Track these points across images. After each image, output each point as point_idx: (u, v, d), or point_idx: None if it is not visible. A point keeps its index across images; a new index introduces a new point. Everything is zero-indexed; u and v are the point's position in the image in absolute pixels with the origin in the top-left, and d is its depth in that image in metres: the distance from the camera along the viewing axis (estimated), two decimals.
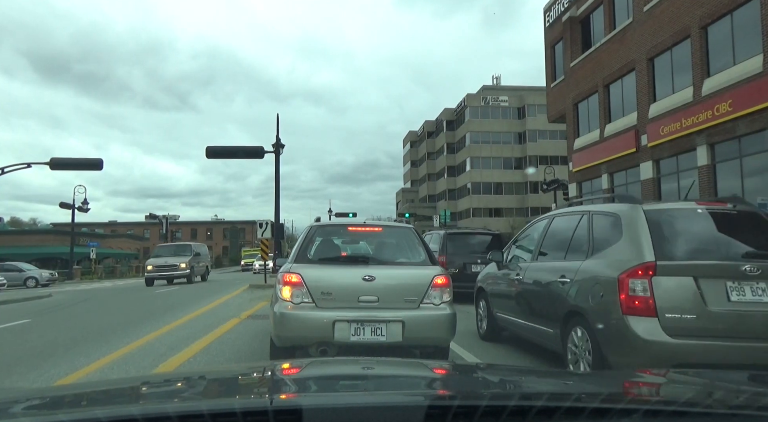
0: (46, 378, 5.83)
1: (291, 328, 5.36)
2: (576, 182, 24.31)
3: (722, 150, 15.88)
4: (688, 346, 4.36)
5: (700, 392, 1.78)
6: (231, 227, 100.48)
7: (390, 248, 6.30)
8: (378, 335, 5.25)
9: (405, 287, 5.49)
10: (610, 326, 4.66)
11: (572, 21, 24.25)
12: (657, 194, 18.72)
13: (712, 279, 4.53)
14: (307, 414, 1.24)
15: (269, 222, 22.51)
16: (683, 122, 16.87)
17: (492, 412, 1.27)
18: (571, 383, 2.04)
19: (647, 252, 4.61)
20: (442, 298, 5.46)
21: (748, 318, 4.44)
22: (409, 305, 5.39)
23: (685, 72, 17.30)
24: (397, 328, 5.25)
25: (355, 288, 5.36)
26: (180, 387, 1.88)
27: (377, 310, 5.32)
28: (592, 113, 23.00)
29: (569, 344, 5.24)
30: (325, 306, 5.33)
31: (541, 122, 68.48)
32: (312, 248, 5.96)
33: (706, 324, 4.42)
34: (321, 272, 5.56)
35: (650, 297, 4.46)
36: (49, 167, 24.27)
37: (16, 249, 46.46)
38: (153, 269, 26.54)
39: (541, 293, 6.04)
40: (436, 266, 5.81)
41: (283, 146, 25.19)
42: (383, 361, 2.93)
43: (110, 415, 1.29)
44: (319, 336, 5.28)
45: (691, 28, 16.70)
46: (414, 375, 2.19)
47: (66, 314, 12.99)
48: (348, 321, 5.25)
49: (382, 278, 5.43)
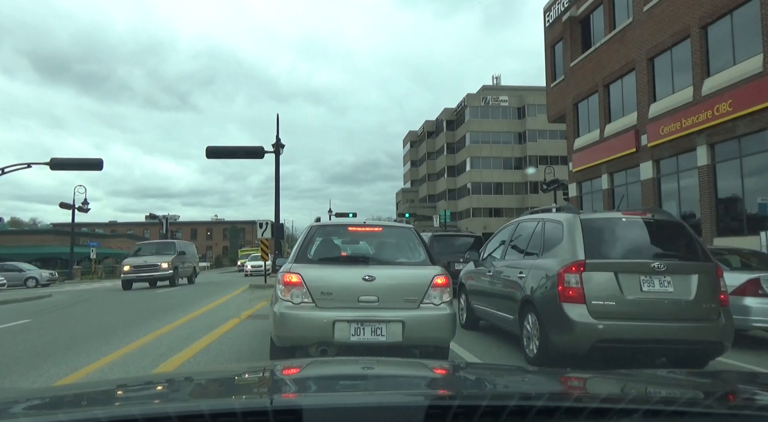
0: (45, 379, 5.83)
1: (291, 328, 5.31)
2: (576, 182, 24.30)
3: (722, 150, 15.87)
4: (609, 326, 5.47)
5: (700, 392, 1.79)
6: (231, 227, 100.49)
7: (390, 248, 6.27)
8: (378, 335, 5.22)
9: (405, 287, 5.46)
10: (551, 311, 5.80)
11: (572, 21, 24.25)
12: (657, 194, 18.73)
13: (629, 274, 5.65)
14: (307, 414, 1.24)
15: (269, 222, 22.50)
16: (683, 122, 16.86)
17: (492, 412, 1.27)
18: (571, 383, 2.04)
19: (580, 252, 5.74)
20: (442, 298, 5.44)
21: (655, 304, 5.59)
22: (409, 305, 5.37)
23: (685, 72, 17.30)
24: (397, 328, 5.23)
25: (355, 288, 5.34)
26: (180, 387, 1.88)
27: (377, 310, 5.29)
28: (592, 113, 23.00)
29: (524, 328, 6.37)
30: (325, 306, 5.29)
31: (541, 122, 68.47)
32: (312, 248, 5.92)
33: (623, 309, 5.55)
34: (321, 272, 5.53)
35: (581, 288, 5.59)
36: (50, 167, 24.27)
37: (16, 249, 46.46)
38: (130, 269, 23.39)
39: (505, 286, 7.13)
40: (436, 266, 5.77)
41: (283, 146, 25.19)
42: (383, 361, 2.92)
43: (110, 415, 1.29)
44: (319, 336, 5.24)
45: (691, 27, 16.70)
46: (414, 375, 2.19)
47: (66, 314, 13.00)
48: (348, 321, 5.21)
49: (382, 278, 5.40)
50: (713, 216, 16.08)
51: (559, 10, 25.32)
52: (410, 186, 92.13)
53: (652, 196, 18.79)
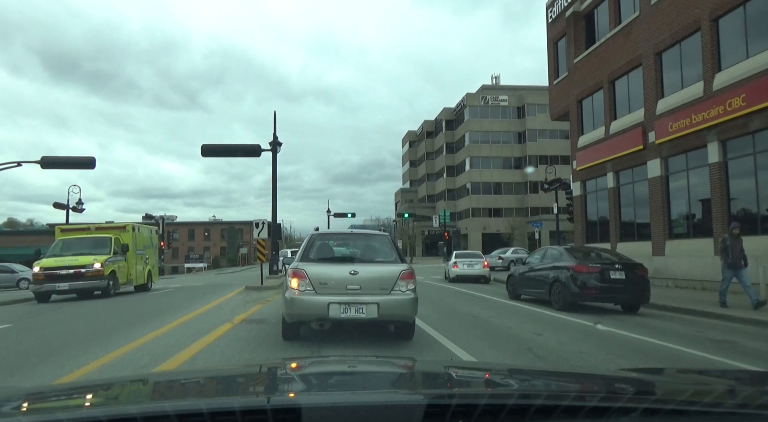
0: None
1: (297, 308, 7.21)
2: (580, 180, 23.73)
3: (735, 146, 15.30)
4: None
5: (698, 390, 1.78)
6: (229, 227, 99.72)
7: (370, 251, 8.11)
8: (360, 313, 7.07)
9: (380, 279, 7.29)
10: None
11: (576, 16, 23.69)
12: (665, 192, 18.17)
13: None
14: (306, 413, 1.23)
15: (265, 222, 21.81)
16: (693, 118, 16.31)
17: (491, 411, 1.26)
18: (570, 382, 2.04)
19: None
20: (407, 287, 7.28)
21: None
22: (383, 292, 7.19)
23: (694, 66, 16.75)
24: (374, 308, 7.07)
25: (343, 280, 7.18)
26: (179, 386, 1.89)
27: (360, 295, 7.12)
28: (596, 110, 22.44)
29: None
30: (322, 293, 7.15)
31: (541, 122, 68.08)
32: (313, 251, 7.81)
33: None
34: (319, 268, 7.38)
35: None
36: (40, 166, 23.62)
37: (11, 250, 45.86)
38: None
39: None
40: (404, 263, 7.60)
41: (280, 144, 24.61)
42: (383, 360, 3.01)
43: (109, 414, 1.27)
44: (318, 314, 7.15)
45: (702, 20, 16.14)
46: (413, 374, 2.19)
47: (50, 318, 12.37)
48: (339, 303, 7.07)
49: (363, 272, 7.27)
50: (725, 215, 15.51)
51: (562, 5, 24.77)
52: (409, 186, 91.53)
53: (660, 194, 18.23)
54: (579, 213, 24.10)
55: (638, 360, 6.76)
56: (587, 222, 23.62)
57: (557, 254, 13.51)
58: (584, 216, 23.78)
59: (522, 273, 14.96)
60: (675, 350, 7.54)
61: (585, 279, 11.98)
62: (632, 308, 12.13)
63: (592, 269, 12.05)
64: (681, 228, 17.78)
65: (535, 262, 14.45)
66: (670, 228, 18.14)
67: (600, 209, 22.54)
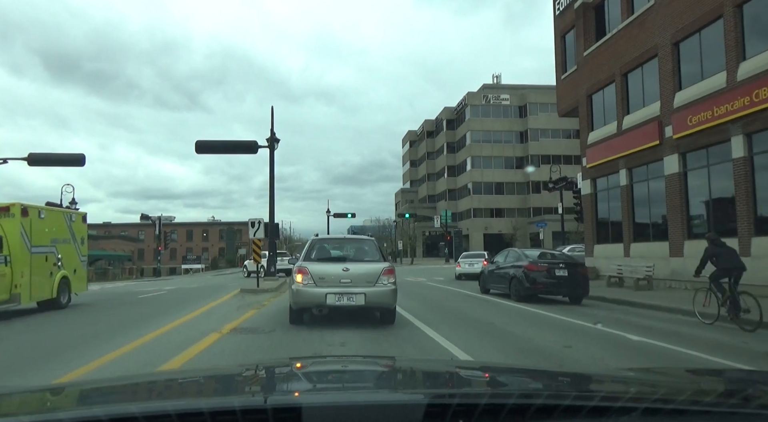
0: None
1: (302, 298, 9.13)
2: (590, 178, 22.75)
3: (761, 140, 14.33)
4: None
5: (699, 390, 1.78)
6: (227, 228, 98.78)
7: (359, 252, 10.15)
8: (351, 301, 8.97)
9: (367, 274, 9.15)
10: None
11: (585, 7, 22.74)
12: (684, 190, 17.20)
13: None
14: (306, 412, 1.22)
15: (261, 221, 20.77)
16: (715, 111, 15.34)
17: (491, 410, 1.25)
18: (570, 381, 2.04)
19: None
20: (389, 280, 9.17)
21: None
22: (369, 285, 9.06)
23: (716, 56, 15.79)
24: (362, 297, 8.98)
25: (338, 275, 9.09)
26: (179, 386, 1.89)
27: (350, 287, 9.02)
28: (608, 105, 21.47)
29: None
30: (321, 285, 9.05)
31: (543, 121, 67.26)
32: (313, 252, 9.95)
33: None
34: (319, 266, 9.35)
35: None
36: (27, 163, 22.72)
37: None
38: None
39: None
40: (386, 262, 9.68)
41: (278, 141, 23.72)
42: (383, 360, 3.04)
43: (110, 413, 1.25)
44: (318, 302, 9.09)
45: (725, 6, 15.18)
46: (413, 373, 2.20)
47: (25, 324, 11.38)
48: (334, 293, 8.98)
49: (354, 269, 9.20)
50: (750, 213, 14.54)
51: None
52: (409, 186, 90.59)
53: (678, 192, 17.26)
54: (589, 213, 23.12)
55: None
56: (598, 222, 22.64)
57: (517, 255, 15.84)
58: (594, 216, 22.80)
59: (491, 271, 17.06)
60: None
61: (535, 276, 14.24)
62: (576, 300, 14.32)
63: (541, 267, 14.30)
64: (701, 228, 16.79)
65: (500, 261, 16.58)
66: (689, 228, 17.17)
67: (612, 208, 21.56)
